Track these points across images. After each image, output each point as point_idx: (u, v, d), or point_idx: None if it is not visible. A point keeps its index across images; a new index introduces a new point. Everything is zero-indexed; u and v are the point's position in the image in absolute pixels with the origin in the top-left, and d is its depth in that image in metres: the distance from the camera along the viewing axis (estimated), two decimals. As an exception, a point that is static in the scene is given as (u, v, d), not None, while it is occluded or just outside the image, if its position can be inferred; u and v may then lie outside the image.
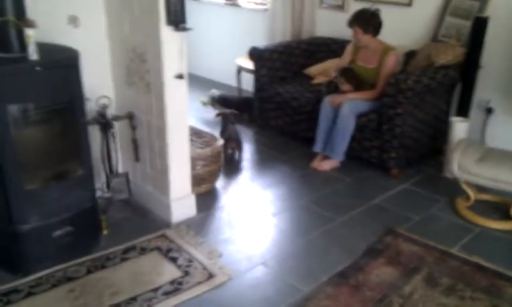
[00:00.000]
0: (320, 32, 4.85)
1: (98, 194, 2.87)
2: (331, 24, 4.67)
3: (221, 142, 3.40)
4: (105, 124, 2.85)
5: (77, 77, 2.45)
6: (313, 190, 3.39)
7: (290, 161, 3.86)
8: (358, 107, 3.62)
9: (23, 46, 2.23)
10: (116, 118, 2.94)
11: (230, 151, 3.85)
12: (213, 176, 3.33)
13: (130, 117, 2.94)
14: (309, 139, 3.90)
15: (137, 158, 3.00)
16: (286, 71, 4.49)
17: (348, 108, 3.59)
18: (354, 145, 3.68)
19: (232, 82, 5.44)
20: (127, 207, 3.05)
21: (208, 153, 3.24)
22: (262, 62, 4.35)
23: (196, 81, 5.98)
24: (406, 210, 3.12)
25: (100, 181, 2.98)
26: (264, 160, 3.96)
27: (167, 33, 2.60)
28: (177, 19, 2.59)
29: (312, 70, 4.49)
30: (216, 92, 4.97)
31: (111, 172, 2.98)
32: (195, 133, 3.50)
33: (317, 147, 3.78)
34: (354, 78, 3.75)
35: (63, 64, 2.40)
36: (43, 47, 2.32)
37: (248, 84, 4.87)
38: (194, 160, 3.08)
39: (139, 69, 2.82)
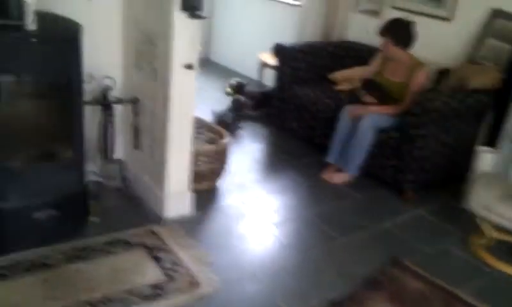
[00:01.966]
0: (352, 36, 4.61)
1: (91, 178, 2.73)
2: (364, 29, 4.42)
3: (228, 139, 3.21)
4: (105, 106, 2.70)
5: (76, 52, 2.27)
6: (321, 203, 3.18)
7: (302, 168, 3.65)
8: (379, 122, 3.38)
9: (21, 13, 2.05)
10: (119, 101, 2.78)
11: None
12: (215, 174, 3.15)
13: (134, 102, 2.78)
14: (324, 146, 3.68)
15: (136, 146, 2.84)
16: (310, 72, 4.26)
17: (368, 121, 3.36)
18: (370, 161, 3.45)
19: (253, 75, 5.25)
20: (121, 196, 2.90)
21: (213, 150, 3.06)
22: (286, 61, 4.14)
23: (215, 69, 5.84)
24: (415, 240, 2.89)
25: (94, 165, 2.84)
26: (275, 164, 3.78)
27: (180, 19, 2.42)
28: (193, 5, 2.40)
29: (337, 75, 4.25)
30: (235, 80, 4.73)
31: (106, 157, 2.83)
32: (203, 126, 3.32)
33: (331, 158, 3.56)
34: (378, 91, 3.52)
35: (61, 37, 2.24)
36: (46, 17, 2.16)
37: (270, 79, 4.67)
38: (196, 156, 2.91)
39: (148, 53, 2.66)
